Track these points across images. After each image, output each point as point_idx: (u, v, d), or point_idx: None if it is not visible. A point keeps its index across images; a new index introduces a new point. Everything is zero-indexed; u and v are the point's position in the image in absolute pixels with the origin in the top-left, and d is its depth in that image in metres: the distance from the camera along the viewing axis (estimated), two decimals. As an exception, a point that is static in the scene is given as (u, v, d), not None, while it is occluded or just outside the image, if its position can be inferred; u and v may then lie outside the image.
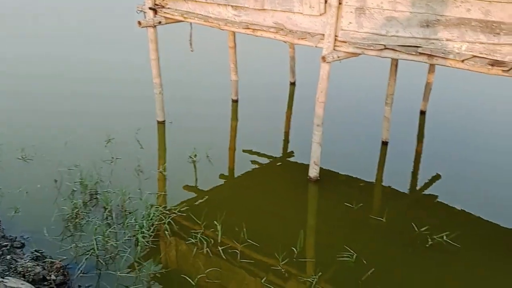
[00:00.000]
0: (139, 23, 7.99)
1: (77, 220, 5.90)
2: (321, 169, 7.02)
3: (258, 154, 8.14)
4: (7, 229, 5.69)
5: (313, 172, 6.98)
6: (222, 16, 7.25)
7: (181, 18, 7.78)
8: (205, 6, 7.38)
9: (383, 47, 5.85)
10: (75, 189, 6.51)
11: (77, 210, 6.01)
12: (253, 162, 7.90)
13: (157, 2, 7.98)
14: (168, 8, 7.89)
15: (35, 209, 6.13)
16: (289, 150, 8.55)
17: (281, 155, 8.32)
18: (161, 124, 8.96)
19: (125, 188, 6.41)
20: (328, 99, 6.65)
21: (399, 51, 5.79)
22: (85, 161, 7.27)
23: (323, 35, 6.24)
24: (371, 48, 5.93)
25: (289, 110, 10.25)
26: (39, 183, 6.68)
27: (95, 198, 6.41)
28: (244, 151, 8.30)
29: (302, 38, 6.45)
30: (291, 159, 8.15)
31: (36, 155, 7.51)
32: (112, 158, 7.52)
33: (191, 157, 7.66)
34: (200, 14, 7.50)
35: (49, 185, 6.64)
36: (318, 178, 6.99)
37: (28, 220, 5.92)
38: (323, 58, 6.17)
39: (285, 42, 7.84)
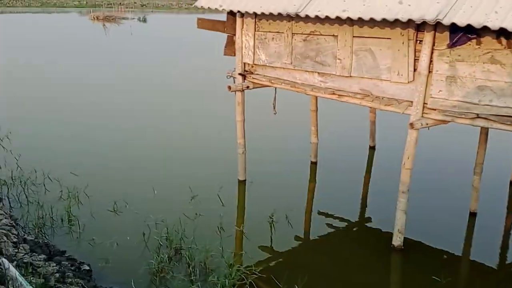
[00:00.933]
0: (229, 87, 8.46)
1: (162, 274, 6.08)
2: (405, 238, 6.77)
3: (335, 217, 8.07)
4: (98, 279, 5.98)
5: (397, 241, 6.74)
6: (308, 82, 7.51)
7: (268, 84, 8.15)
8: (293, 72, 7.70)
9: (475, 116, 5.72)
10: (161, 243, 6.74)
11: (162, 264, 6.21)
12: (329, 225, 7.83)
13: (246, 68, 8.45)
14: (257, 74, 8.32)
15: (124, 261, 6.42)
16: (367, 215, 8.38)
17: (358, 220, 8.17)
18: (242, 183, 9.19)
19: (208, 245, 6.55)
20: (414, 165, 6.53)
21: (493, 120, 5.63)
22: (171, 215, 7.57)
23: (411, 102, 6.23)
24: (463, 116, 5.82)
25: (368, 175, 10.12)
26: (128, 235, 7.02)
27: (179, 254, 6.60)
28: (320, 213, 8.27)
29: (388, 105, 6.48)
30: (370, 224, 7.97)
31: (126, 208, 7.95)
32: (196, 214, 7.76)
33: (270, 217, 7.72)
34: (287, 80, 7.82)
35: (137, 238, 6.95)
36: (402, 247, 6.73)
37: (118, 271, 6.20)
38: (411, 125, 6.13)
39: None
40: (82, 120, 13.37)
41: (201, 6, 7.88)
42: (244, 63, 8.45)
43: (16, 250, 5.66)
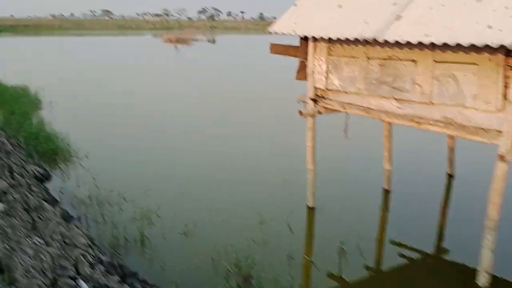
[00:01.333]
0: (300, 113, 8.36)
1: (232, 303, 5.99)
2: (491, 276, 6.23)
3: (409, 248, 7.64)
4: (166, 304, 6.00)
5: (483, 280, 6.22)
6: (384, 108, 7.22)
7: (341, 109, 7.95)
8: (367, 98, 7.45)
9: None
10: (230, 270, 6.68)
11: (232, 292, 6.13)
12: (403, 256, 7.42)
13: (318, 93, 8.31)
14: (329, 99, 8.16)
15: (193, 287, 6.40)
16: (444, 247, 7.85)
17: (435, 252, 7.67)
18: (311, 209, 8.98)
19: (277, 274, 6.39)
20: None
21: None
22: (239, 240, 7.53)
23: (500, 131, 5.78)
24: (561, 149, 5.30)
25: (446, 204, 9.52)
26: (198, 260, 7.02)
27: (248, 282, 6.48)
28: (393, 243, 7.89)
29: (474, 134, 6.05)
30: (448, 257, 7.46)
31: (195, 231, 7.99)
32: (264, 240, 7.64)
33: (340, 246, 7.44)
34: (361, 106, 7.58)
35: (206, 263, 6.93)
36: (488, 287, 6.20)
37: (186, 297, 6.19)
38: (501, 157, 5.67)
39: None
40: (157, 143, 13.79)
41: (274, 32, 7.89)
42: (316, 88, 8.32)
43: (92, 271, 5.82)
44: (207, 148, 13.17)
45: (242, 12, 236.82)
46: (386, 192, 9.79)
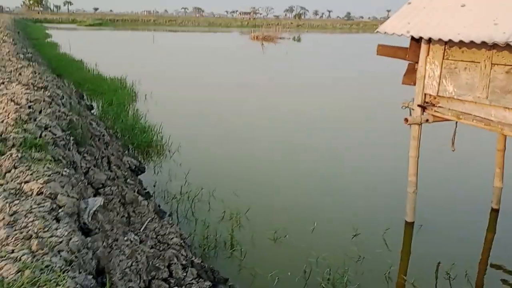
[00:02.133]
0: (406, 120, 7.70)
1: (325, 323, 5.57)
2: None
3: (512, 273, 6.76)
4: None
5: None
6: (507, 120, 6.37)
7: (453, 118, 7.18)
8: (487, 108, 6.64)
9: None
10: (324, 286, 6.26)
11: (325, 311, 5.70)
12: (505, 282, 6.69)
13: (427, 100, 7.59)
14: (440, 107, 7.42)
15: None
16: None
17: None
18: (410, 225, 8.27)
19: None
20: None
21: None
22: (332, 253, 7.10)
23: None
24: None
25: None
26: (288, 270, 6.68)
27: (343, 301, 6.03)
28: (496, 267, 7.14)
29: None
30: None
31: (285, 238, 7.66)
32: (359, 256, 7.12)
33: (440, 267, 6.74)
34: (479, 117, 6.77)
35: (298, 275, 6.56)
36: None
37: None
38: None
39: None
40: (251, 143, 13.65)
41: (385, 32, 7.29)
42: (425, 94, 7.61)
43: (185, 274, 5.69)
44: (303, 153, 12.68)
45: (329, 11, 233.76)
46: (495, 212, 8.81)
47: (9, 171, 4.90)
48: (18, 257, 3.20)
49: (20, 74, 10.55)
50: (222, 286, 5.97)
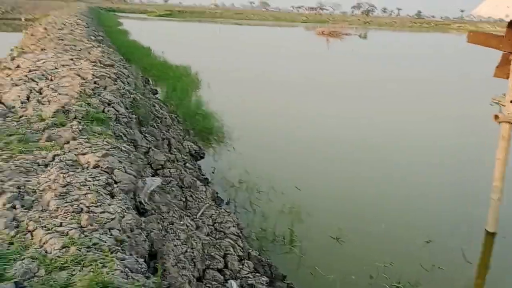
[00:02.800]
0: (496, 117, 6.83)
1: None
2: None
3: None
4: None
5: None
6: None
7: (556, 118, 6.25)
8: None
9: None
10: (392, 294, 5.63)
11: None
12: None
13: (523, 95, 6.68)
14: (539, 103, 6.49)
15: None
16: None
17: None
18: (491, 235, 7.39)
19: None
20: None
21: None
22: (401, 259, 6.44)
23: None
24: None
25: None
26: (352, 273, 6.10)
27: (414, 315, 5.38)
28: None
29: None
30: None
31: (348, 237, 7.06)
32: (433, 266, 6.38)
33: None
34: None
35: (363, 280, 5.97)
36: None
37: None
38: None
39: None
40: (313, 137, 13.07)
41: (478, 15, 6.47)
42: (521, 89, 6.69)
43: (241, 266, 5.28)
44: (372, 151, 11.86)
45: (398, 9, 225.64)
46: None
47: (68, 142, 4.69)
48: (66, 231, 2.90)
49: (89, 52, 10.63)
50: (280, 283, 5.50)
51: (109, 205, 3.41)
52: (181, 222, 5.23)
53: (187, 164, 8.62)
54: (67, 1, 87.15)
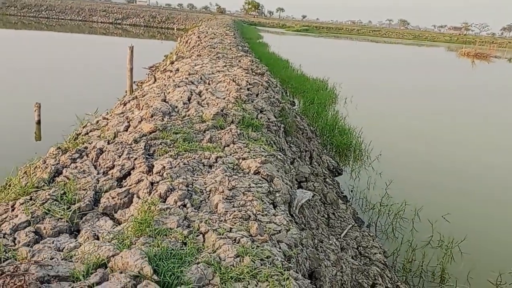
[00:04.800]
0: None
1: None
2: None
3: None
4: None
5: None
6: None
7: None
8: None
9: None
10: None
11: None
12: None
13: None
14: None
15: None
16: None
17: None
18: None
19: None
20: None
21: None
22: None
23: None
24: None
25: None
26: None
27: None
28: None
29: None
30: None
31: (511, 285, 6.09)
32: None
33: None
34: None
35: None
36: None
37: None
38: None
39: None
40: (461, 163, 11.98)
41: None
42: None
43: (391, 300, 4.79)
44: None
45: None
46: None
47: (228, 145, 4.69)
48: (237, 238, 2.76)
49: (239, 61, 10.96)
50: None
51: (274, 215, 3.24)
52: (329, 242, 4.92)
53: (327, 180, 8.33)
54: (214, 13, 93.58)
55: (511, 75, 42.36)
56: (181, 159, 4.05)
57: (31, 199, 3.54)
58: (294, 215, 4.68)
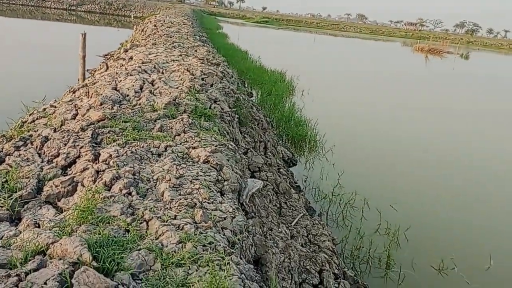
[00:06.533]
0: None
1: None
2: None
3: None
4: None
5: None
6: None
7: None
8: None
9: None
10: None
11: None
12: None
13: None
14: None
15: None
16: None
17: None
18: None
19: None
20: None
21: None
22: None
23: None
24: None
25: None
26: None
27: None
28: None
29: None
30: None
31: (453, 270, 6.43)
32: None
33: None
34: None
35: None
36: None
37: None
38: None
39: None
40: (411, 152, 12.42)
41: None
42: None
43: (337, 285, 4.95)
44: (479, 170, 11.03)
45: (506, 31, 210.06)
46: None
47: (179, 135, 4.68)
48: (181, 225, 2.78)
49: (196, 50, 10.88)
50: (377, 310, 5.09)
51: (221, 203, 3.28)
52: (279, 229, 5.02)
53: (281, 170, 8.45)
54: (173, 2, 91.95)
55: (460, 68, 44.10)
56: (129, 148, 4.01)
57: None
58: (244, 203, 4.73)
